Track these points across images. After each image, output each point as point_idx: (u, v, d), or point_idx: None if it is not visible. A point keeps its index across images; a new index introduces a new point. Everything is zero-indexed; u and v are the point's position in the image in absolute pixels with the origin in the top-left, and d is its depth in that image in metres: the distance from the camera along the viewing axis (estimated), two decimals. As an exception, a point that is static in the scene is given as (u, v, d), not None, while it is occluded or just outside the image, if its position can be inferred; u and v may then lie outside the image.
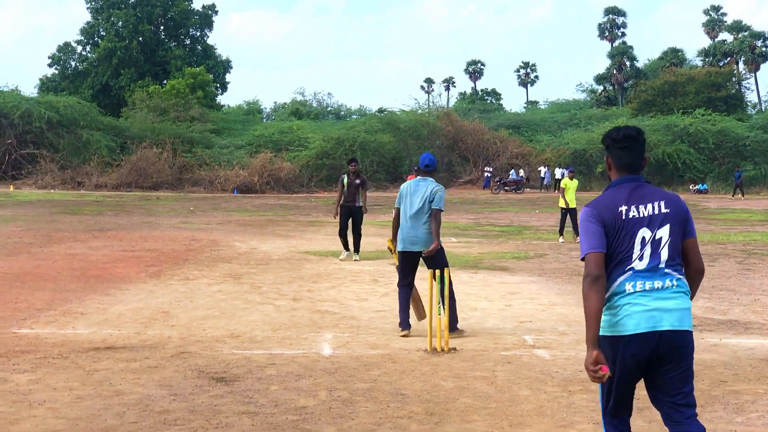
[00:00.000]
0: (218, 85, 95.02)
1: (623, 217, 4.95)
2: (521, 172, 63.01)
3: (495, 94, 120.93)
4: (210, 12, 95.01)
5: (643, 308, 4.84)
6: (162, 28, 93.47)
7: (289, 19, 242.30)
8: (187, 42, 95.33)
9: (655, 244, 4.93)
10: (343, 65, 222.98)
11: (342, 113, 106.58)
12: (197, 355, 9.14)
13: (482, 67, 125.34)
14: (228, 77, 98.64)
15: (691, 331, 4.91)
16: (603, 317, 4.89)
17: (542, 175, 62.50)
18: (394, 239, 10.87)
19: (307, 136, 69.07)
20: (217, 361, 8.91)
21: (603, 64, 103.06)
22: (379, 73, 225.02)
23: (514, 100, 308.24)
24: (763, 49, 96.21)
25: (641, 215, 4.96)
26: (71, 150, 63.12)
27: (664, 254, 4.93)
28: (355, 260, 18.66)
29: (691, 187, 61.61)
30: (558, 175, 61.68)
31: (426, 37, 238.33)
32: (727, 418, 7.10)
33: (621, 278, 4.93)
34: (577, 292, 14.24)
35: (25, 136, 63.35)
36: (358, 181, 19.34)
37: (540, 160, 65.02)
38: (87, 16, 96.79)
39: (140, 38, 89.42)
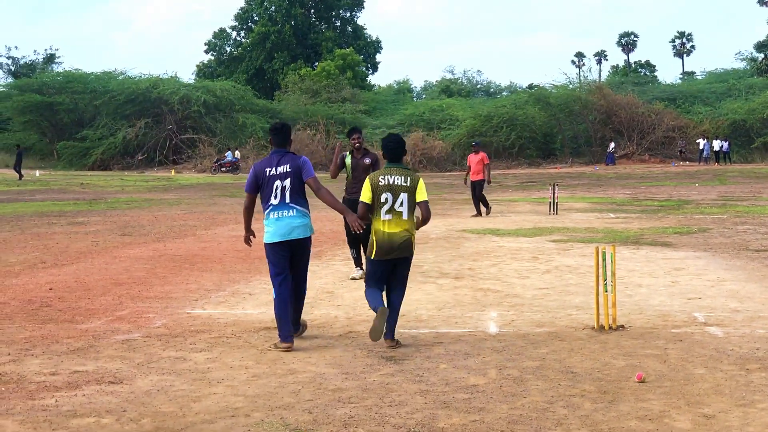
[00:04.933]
0: (368, 65, 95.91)
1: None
2: (237, 153, 60.86)
3: (649, 65, 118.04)
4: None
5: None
6: (313, 11, 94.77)
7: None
8: (338, 24, 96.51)
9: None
10: (492, 42, 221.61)
11: (492, 90, 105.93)
12: (364, 335, 9.25)
13: (635, 38, 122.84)
14: (378, 57, 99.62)
15: None
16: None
17: (701, 147, 60.80)
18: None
19: (457, 115, 69.07)
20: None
21: (763, 31, 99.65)
22: (529, 49, 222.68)
23: (669, 72, 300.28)
24: None
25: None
26: (228, 133, 64.84)
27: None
28: (353, 278, 13.24)
29: None
30: (716, 147, 59.99)
31: (576, 9, 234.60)
32: None
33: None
34: (747, 268, 13.84)
35: (185, 121, 65.40)
36: (368, 161, 13.42)
37: (698, 132, 63.24)
38: (241, 2, 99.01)
39: (292, 22, 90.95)
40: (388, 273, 8.99)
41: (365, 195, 8.92)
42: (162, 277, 13.42)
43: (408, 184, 8.86)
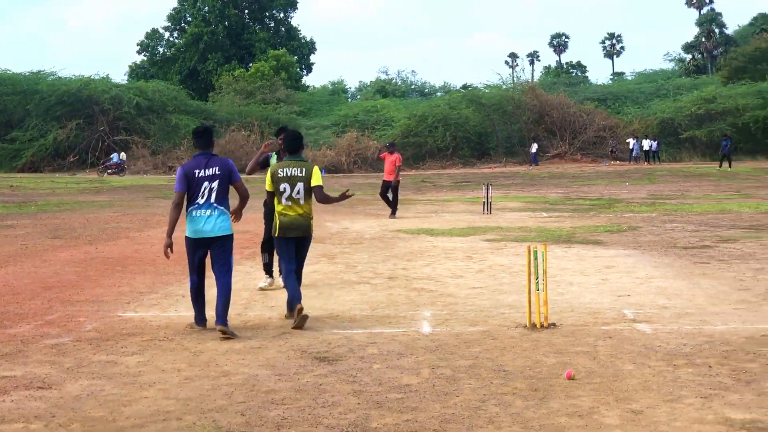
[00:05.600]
0: (303, 66, 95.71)
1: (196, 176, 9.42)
2: (123, 155, 60.44)
3: (580, 66, 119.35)
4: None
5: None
6: (246, 11, 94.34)
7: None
8: (271, 24, 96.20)
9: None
10: (426, 42, 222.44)
11: (426, 91, 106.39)
12: (298, 335, 9.26)
13: (567, 39, 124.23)
14: (312, 58, 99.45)
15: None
16: None
17: (630, 146, 61.63)
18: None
19: (392, 115, 69.30)
20: (319, 341, 9.01)
21: (691, 33, 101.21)
22: (463, 50, 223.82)
23: (599, 72, 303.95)
24: None
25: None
26: (161, 135, 64.22)
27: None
28: (261, 287, 12.59)
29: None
30: (646, 147, 60.88)
31: (509, 11, 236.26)
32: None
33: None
34: (675, 265, 14.08)
35: (117, 122, 64.60)
36: None
37: (628, 131, 64.17)
38: (174, 2, 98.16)
39: (226, 22, 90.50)
40: (291, 248, 10.13)
41: (267, 184, 10.17)
42: (93, 280, 13.26)
43: (303, 175, 10.05)
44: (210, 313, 9.67)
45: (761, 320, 9.69)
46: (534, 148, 62.29)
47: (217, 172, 9.50)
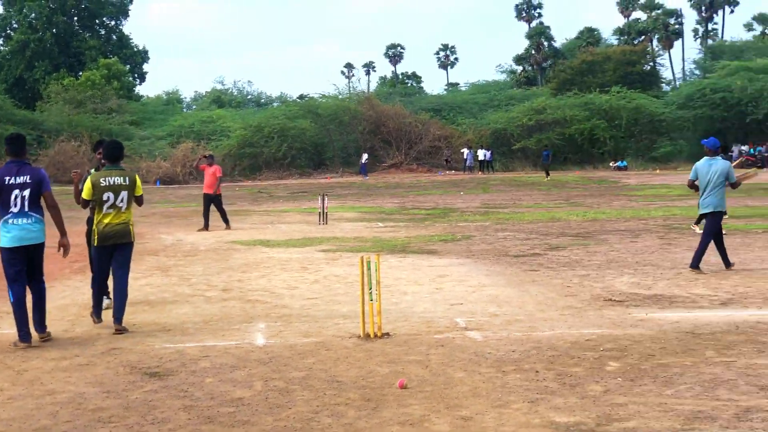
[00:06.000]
0: (135, 75, 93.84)
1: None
2: None
3: (416, 77, 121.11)
4: (125, 1, 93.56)
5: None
6: (76, 18, 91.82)
7: (208, 6, 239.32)
8: (102, 32, 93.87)
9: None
10: (263, 53, 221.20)
11: (263, 101, 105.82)
12: (128, 351, 9.05)
13: (402, 50, 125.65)
14: (146, 67, 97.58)
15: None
16: None
17: (465, 156, 62.82)
18: None
19: (228, 126, 68.68)
20: (150, 356, 8.83)
21: (522, 45, 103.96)
22: (300, 60, 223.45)
23: (435, 83, 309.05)
24: (677, 26, 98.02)
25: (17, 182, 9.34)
26: (-14, 145, 61.79)
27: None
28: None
29: (611, 164, 62.51)
30: (480, 156, 62.17)
31: (346, 21, 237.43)
32: (656, 391, 7.23)
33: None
34: (506, 273, 14.40)
35: (-63, 132, 61.84)
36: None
37: (462, 141, 65.39)
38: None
39: (54, 30, 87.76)
40: (109, 257, 10.36)
41: (86, 192, 10.28)
42: None
43: (128, 183, 10.39)
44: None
45: (586, 325, 10.00)
46: (364, 158, 62.70)
47: (28, 181, 9.49)
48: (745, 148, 62.85)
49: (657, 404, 6.86)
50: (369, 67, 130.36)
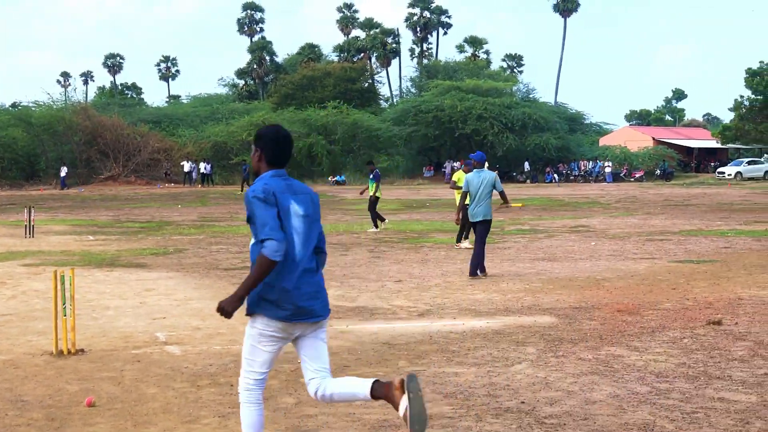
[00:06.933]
0: None
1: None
2: None
3: (135, 88, 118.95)
4: None
5: None
6: None
7: None
8: None
9: None
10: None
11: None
12: None
13: (122, 60, 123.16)
14: None
15: None
16: None
17: (186, 169, 62.13)
18: None
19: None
20: None
21: (244, 59, 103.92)
22: (14, 68, 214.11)
23: (156, 95, 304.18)
24: (394, 45, 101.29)
25: None
26: None
27: None
28: None
29: (329, 178, 63.64)
30: (203, 170, 61.70)
31: (65, 29, 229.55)
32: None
33: None
34: (215, 286, 14.29)
35: None
36: None
37: (182, 154, 64.69)
38: None
39: None
40: None
41: None
42: None
43: None
44: None
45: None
46: (63, 171, 60.64)
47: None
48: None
49: (345, 414, 6.98)
50: (87, 76, 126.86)
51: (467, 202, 15.91)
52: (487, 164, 18.07)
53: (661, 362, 8.68)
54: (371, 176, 25.49)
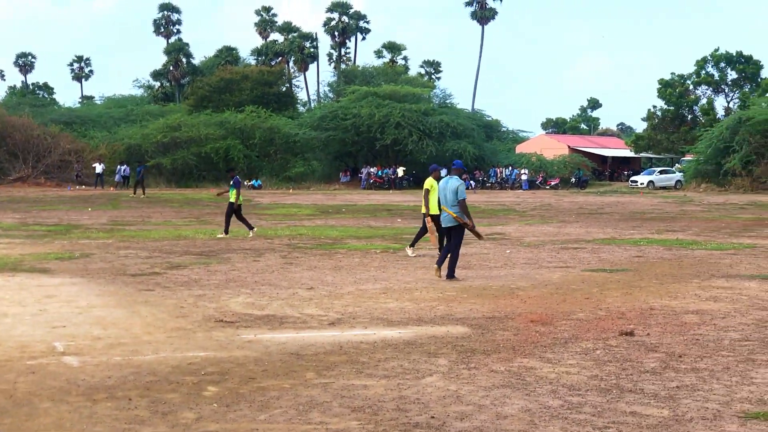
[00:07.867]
0: None
1: None
2: None
3: (47, 88, 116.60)
4: None
5: None
6: None
7: None
8: None
9: None
10: None
11: None
12: None
13: (33, 59, 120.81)
14: None
15: None
16: None
17: (98, 171, 60.93)
18: None
19: None
20: None
21: (160, 60, 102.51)
22: None
23: (68, 95, 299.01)
24: (312, 50, 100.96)
25: None
26: None
27: None
28: None
29: (246, 182, 62.99)
30: (123, 172, 60.56)
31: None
32: (250, 416, 7.06)
33: None
34: (120, 293, 13.84)
35: None
36: None
37: (94, 156, 63.47)
38: None
39: None
40: None
41: None
42: None
43: None
44: None
45: (192, 348, 9.71)
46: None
47: None
48: (373, 170, 65.69)
49: (249, 430, 6.70)
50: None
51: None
52: (445, 170, 18.17)
53: (573, 374, 8.55)
54: (231, 183, 24.94)
